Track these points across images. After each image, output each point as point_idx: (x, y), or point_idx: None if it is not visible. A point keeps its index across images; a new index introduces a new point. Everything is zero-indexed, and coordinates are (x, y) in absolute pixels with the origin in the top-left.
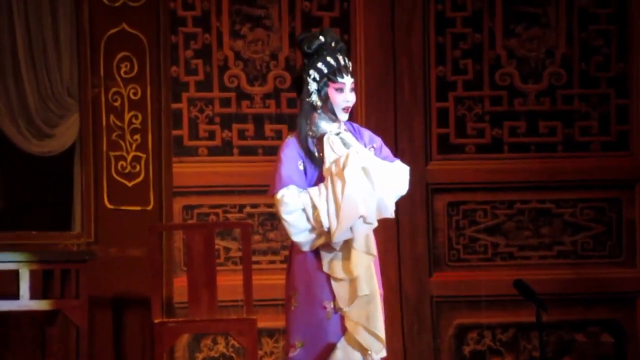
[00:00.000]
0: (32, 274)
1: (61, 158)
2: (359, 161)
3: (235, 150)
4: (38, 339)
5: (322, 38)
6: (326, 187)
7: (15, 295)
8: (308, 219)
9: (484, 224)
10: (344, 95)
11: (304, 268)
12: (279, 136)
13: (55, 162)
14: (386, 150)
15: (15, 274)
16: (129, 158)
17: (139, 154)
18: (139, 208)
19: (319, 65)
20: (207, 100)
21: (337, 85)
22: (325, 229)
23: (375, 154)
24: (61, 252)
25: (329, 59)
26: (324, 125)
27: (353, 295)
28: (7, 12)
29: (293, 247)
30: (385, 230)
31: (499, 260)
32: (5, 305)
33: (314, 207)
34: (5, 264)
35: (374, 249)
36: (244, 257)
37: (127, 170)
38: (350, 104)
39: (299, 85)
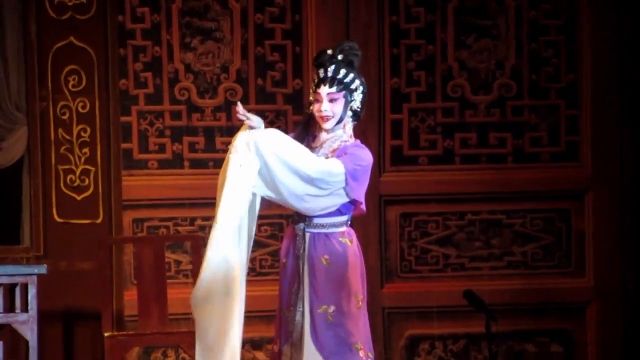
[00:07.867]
0: None
1: (9, 171)
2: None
3: (186, 163)
4: None
5: (329, 51)
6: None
7: None
8: None
9: (436, 235)
10: (319, 105)
11: (362, 266)
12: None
13: (4, 175)
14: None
15: None
16: (78, 171)
17: (88, 167)
18: (88, 221)
19: (314, 77)
20: (157, 113)
21: (316, 96)
22: None
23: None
24: (9, 266)
25: (318, 70)
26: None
27: None
28: None
29: (350, 244)
30: None
31: (450, 271)
32: None
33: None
34: None
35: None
36: (194, 269)
37: (76, 184)
38: (324, 114)
39: None
